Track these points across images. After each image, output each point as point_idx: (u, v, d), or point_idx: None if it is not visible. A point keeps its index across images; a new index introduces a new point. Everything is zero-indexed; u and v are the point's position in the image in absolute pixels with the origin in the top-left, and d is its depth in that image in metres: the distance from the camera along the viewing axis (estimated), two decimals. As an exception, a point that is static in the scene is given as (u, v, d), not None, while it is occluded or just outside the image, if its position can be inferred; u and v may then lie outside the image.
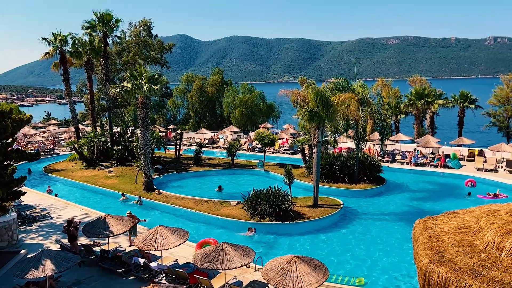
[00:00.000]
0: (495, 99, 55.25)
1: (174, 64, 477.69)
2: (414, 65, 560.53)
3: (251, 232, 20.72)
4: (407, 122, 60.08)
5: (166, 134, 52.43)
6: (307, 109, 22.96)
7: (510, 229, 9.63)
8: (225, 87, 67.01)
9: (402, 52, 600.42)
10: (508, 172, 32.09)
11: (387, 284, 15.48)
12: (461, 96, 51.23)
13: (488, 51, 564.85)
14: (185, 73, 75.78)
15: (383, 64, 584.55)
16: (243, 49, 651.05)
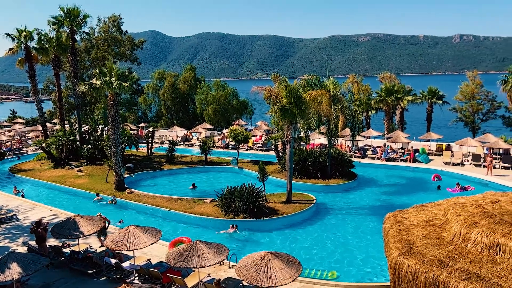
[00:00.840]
0: (461, 95, 57.08)
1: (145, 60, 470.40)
2: (384, 62, 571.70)
3: (233, 229, 20.70)
4: (378, 118, 61.39)
5: (137, 132, 51.65)
6: (279, 106, 23.04)
7: (475, 221, 9.98)
8: (198, 84, 66.53)
9: (373, 49, 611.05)
10: (474, 166, 33.19)
11: (359, 276, 15.76)
12: (429, 92, 52.68)
13: (455, 49, 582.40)
14: (156, 70, 74.77)
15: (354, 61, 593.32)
16: (215, 45, 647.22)
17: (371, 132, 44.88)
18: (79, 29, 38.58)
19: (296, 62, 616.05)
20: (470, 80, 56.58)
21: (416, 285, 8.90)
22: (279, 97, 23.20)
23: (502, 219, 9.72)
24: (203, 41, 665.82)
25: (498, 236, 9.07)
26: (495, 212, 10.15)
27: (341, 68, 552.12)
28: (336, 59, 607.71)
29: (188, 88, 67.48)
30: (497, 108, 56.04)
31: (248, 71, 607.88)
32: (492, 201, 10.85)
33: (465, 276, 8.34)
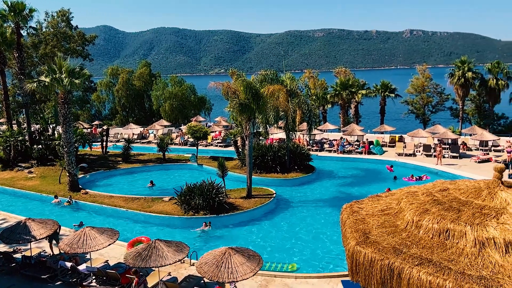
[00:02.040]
0: (412, 88, 59.46)
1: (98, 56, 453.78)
2: (339, 57, 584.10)
3: (207, 226, 20.56)
4: (334, 112, 62.79)
5: (91, 131, 49.95)
6: (237, 101, 23.02)
7: (426, 209, 10.40)
8: (154, 80, 65.17)
9: (328, 44, 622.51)
10: (425, 156, 34.69)
11: (318, 267, 16.10)
12: (382, 86, 54.44)
13: (405, 43, 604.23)
14: (109, 66, 72.55)
15: (310, 56, 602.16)
16: (171, 41, 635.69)
17: (327, 125, 45.84)
18: (25, 23, 36.68)
19: (254, 57, 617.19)
20: (420, 73, 59.04)
21: (373, 273, 9.16)
22: (237, 93, 23.17)
23: (451, 205, 10.19)
24: (158, 36, 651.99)
25: (447, 222, 9.50)
26: (444, 200, 10.62)
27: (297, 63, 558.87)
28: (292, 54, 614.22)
29: (144, 84, 65.99)
30: (445, 100, 58.88)
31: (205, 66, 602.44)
32: (441, 189, 11.33)
33: (418, 261, 8.67)
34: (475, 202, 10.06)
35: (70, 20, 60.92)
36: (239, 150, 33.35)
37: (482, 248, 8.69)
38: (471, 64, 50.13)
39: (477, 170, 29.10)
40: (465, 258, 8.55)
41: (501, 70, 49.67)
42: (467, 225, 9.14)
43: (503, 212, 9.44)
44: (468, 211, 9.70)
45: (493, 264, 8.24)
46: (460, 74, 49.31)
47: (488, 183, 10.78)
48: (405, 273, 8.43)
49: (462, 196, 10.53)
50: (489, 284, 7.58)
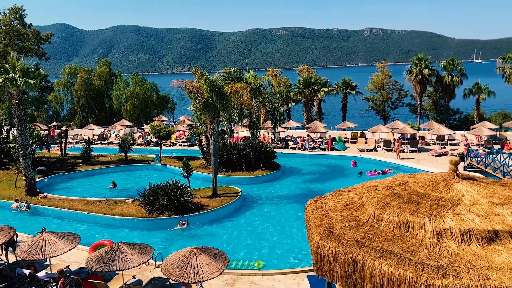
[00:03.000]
0: (372, 85, 61.00)
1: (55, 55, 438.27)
2: (302, 55, 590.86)
3: (184, 225, 20.40)
4: (297, 109, 63.47)
5: (49, 132, 48.13)
6: (201, 100, 22.82)
7: (387, 202, 10.68)
8: (114, 79, 63.52)
9: (291, 42, 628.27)
10: (385, 151, 35.71)
11: (284, 263, 16.24)
12: (343, 83, 55.54)
13: (365, 42, 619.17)
14: (67, 65, 70.08)
15: (273, 54, 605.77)
16: (132, 39, 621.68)
17: (291, 123, 46.33)
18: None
19: (217, 55, 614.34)
20: (379, 71, 60.65)
21: (337, 266, 9.31)
22: (200, 91, 22.97)
23: (410, 198, 10.51)
24: (118, 34, 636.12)
25: (407, 215, 9.80)
26: (404, 193, 10.94)
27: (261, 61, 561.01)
28: (256, 53, 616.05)
29: (104, 84, 64.18)
30: (404, 97, 60.81)
31: (168, 65, 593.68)
32: (401, 183, 11.66)
33: (379, 254, 8.88)
34: (432, 195, 10.43)
35: (24, 17, 58.25)
36: (204, 149, 33.11)
37: (440, 238, 9.02)
38: (427, 61, 52.03)
39: (434, 163, 30.24)
40: (424, 248, 8.85)
41: (455, 67, 51.86)
42: (425, 217, 9.46)
43: (459, 203, 9.83)
44: (426, 203, 10.05)
45: (450, 254, 8.56)
46: (418, 71, 51.09)
47: (445, 175, 11.21)
48: (368, 266, 8.62)
49: (421, 189, 10.88)
50: (447, 273, 7.87)
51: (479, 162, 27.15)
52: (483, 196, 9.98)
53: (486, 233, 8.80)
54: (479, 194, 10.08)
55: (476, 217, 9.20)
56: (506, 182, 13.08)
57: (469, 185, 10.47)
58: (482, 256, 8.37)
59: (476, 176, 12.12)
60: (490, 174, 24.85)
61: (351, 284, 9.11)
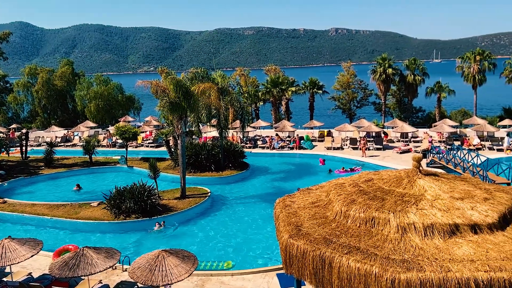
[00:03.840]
0: (338, 85, 62.07)
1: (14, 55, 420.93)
2: (269, 55, 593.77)
3: (161, 226, 20.15)
4: (266, 109, 63.71)
5: (8, 135, 46.19)
6: (167, 100, 22.51)
7: (353, 199, 10.88)
8: (77, 80, 61.70)
9: (258, 42, 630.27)
10: (352, 149, 36.40)
11: (253, 262, 16.26)
12: (310, 83, 56.23)
13: (331, 41, 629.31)
14: (27, 65, 67.53)
15: (241, 54, 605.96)
16: (95, 38, 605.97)
17: (260, 122, 46.47)
18: None
19: (184, 55, 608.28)
20: (345, 70, 61.79)
21: (305, 264, 9.40)
22: (166, 91, 22.65)
23: (375, 195, 10.75)
24: (81, 33, 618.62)
25: (373, 211, 10.01)
26: (369, 190, 11.18)
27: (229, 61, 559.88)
28: (223, 52, 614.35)
29: (66, 84, 62.25)
30: (369, 96, 62.22)
31: (133, 64, 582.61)
32: (366, 180, 11.91)
33: (347, 250, 9.03)
34: (396, 191, 10.71)
35: (-21, 15, 55.73)
36: (171, 150, 32.69)
37: (404, 233, 9.27)
38: (391, 61, 53.45)
39: (398, 160, 31.10)
40: (389, 243, 9.07)
41: (418, 66, 53.53)
42: (390, 213, 9.70)
43: (421, 198, 10.14)
44: (391, 199, 10.31)
45: (414, 248, 8.82)
46: (382, 70, 52.39)
47: (408, 172, 11.54)
48: (336, 262, 8.75)
49: (385, 185, 11.15)
50: (411, 266, 8.10)
51: (441, 159, 28.13)
52: (444, 191, 10.34)
53: (448, 226, 9.12)
54: (440, 189, 10.44)
55: (438, 211, 9.51)
56: (466, 177, 13.61)
57: (431, 181, 10.82)
58: (444, 249, 8.67)
59: (437, 172, 12.54)
60: (451, 169, 25.78)
61: (319, 281, 9.23)
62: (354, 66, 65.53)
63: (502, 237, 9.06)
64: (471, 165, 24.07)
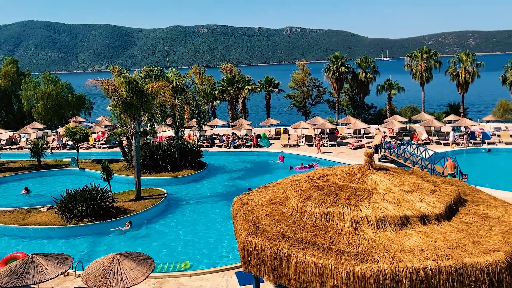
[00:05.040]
0: (293, 83, 62.94)
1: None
2: (225, 53, 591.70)
3: (128, 226, 19.67)
4: (222, 107, 63.52)
5: None
6: (120, 99, 21.87)
7: (309, 195, 11.07)
8: (23, 79, 58.65)
9: (213, 40, 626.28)
10: (307, 146, 37.05)
11: (212, 262, 16.17)
12: (266, 81, 56.65)
13: (286, 40, 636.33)
14: (-35, 64, 63.42)
15: (196, 52, 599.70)
16: (42, 35, 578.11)
17: (217, 121, 46.27)
18: None
19: (137, 53, 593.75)
20: (300, 69, 62.74)
21: (264, 261, 9.46)
22: (118, 90, 22.00)
23: (330, 190, 11.00)
24: (26, 30, 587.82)
25: (328, 206, 10.23)
26: (324, 185, 11.42)
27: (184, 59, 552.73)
28: (178, 50, 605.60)
29: (11, 84, 59.04)
30: (323, 93, 63.55)
31: (83, 63, 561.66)
32: (321, 176, 12.17)
33: (303, 245, 9.18)
34: (350, 185, 11.01)
35: None
36: (125, 151, 31.84)
37: (358, 226, 9.55)
38: (343, 59, 54.90)
39: (352, 156, 32.00)
40: (344, 237, 9.31)
41: (369, 64, 55.34)
42: (344, 207, 9.95)
43: (374, 192, 10.48)
44: (345, 194, 10.58)
45: (367, 240, 9.10)
46: (335, 69, 53.70)
47: (360, 167, 11.89)
48: (293, 257, 8.88)
49: (339, 180, 11.44)
50: (365, 259, 8.35)
51: (392, 153, 29.23)
52: (395, 185, 10.75)
53: (398, 219, 9.49)
54: (391, 183, 10.84)
55: (389, 204, 9.88)
56: (415, 171, 14.23)
57: (382, 175, 11.21)
58: (396, 241, 9.01)
59: (388, 167, 13.02)
60: (401, 164, 26.86)
61: (277, 277, 9.32)
62: (308, 64, 66.70)
63: (449, 226, 9.55)
64: (420, 159, 25.20)
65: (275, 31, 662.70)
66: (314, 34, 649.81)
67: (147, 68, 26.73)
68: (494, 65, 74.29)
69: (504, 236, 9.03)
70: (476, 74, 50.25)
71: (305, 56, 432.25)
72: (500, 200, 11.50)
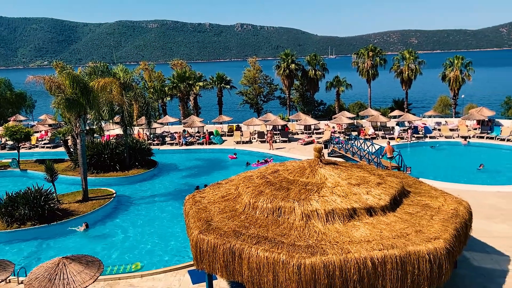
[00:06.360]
0: (245, 80, 63.06)
1: None
2: (175, 49, 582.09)
3: (83, 227, 19.03)
4: (174, 104, 62.52)
5: None
6: (63, 96, 20.89)
7: (261, 190, 11.17)
8: (-45, 75, 54.63)
9: (163, 36, 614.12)
10: (260, 142, 37.31)
11: (164, 261, 15.91)
12: (217, 78, 56.33)
13: (237, 37, 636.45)
14: None
15: (145, 48, 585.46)
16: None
17: (167, 118, 45.43)
18: None
19: (83, 48, 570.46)
20: (251, 66, 62.96)
21: (216, 258, 9.45)
22: (62, 87, 20.99)
23: (281, 185, 11.16)
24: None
25: (279, 201, 10.37)
26: (275, 181, 11.57)
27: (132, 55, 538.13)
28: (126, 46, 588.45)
29: None
30: (275, 90, 64.21)
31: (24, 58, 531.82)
32: (273, 171, 12.32)
33: (255, 240, 9.25)
34: (300, 180, 11.23)
35: None
36: (70, 150, 30.53)
37: (308, 220, 9.76)
38: (293, 56, 55.67)
39: (303, 151, 32.62)
40: (295, 231, 9.48)
41: (318, 62, 56.50)
42: (295, 201, 10.14)
43: (323, 186, 10.75)
44: (296, 189, 10.78)
45: (317, 233, 9.33)
46: (285, 66, 54.35)
47: (310, 162, 12.15)
48: (245, 253, 8.93)
49: (290, 175, 11.63)
50: (315, 251, 8.56)
51: (340, 148, 30.11)
52: (343, 179, 11.09)
53: (346, 211, 9.80)
54: (339, 176, 11.17)
55: (338, 197, 10.18)
56: (362, 164, 14.75)
57: (331, 169, 11.53)
58: (344, 232, 9.30)
59: (337, 161, 13.40)
60: (349, 158, 27.74)
61: (230, 273, 9.35)
62: (260, 61, 67.05)
63: (393, 217, 9.99)
64: (367, 153, 26.15)
65: (226, 28, 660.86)
66: (265, 31, 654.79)
67: (93, 64, 25.69)
68: (435, 63, 78.44)
69: (443, 224, 9.59)
70: (418, 71, 52.76)
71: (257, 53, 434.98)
72: (440, 190, 12.19)
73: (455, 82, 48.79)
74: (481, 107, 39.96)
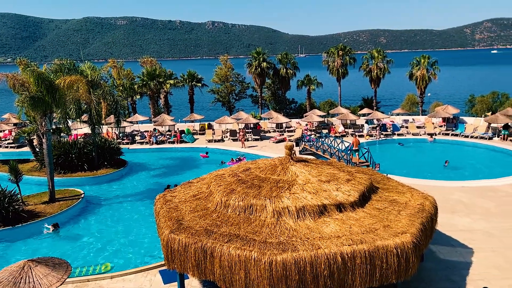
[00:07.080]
0: (217, 78, 62.74)
1: None
2: (145, 46, 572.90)
3: (52, 229, 18.57)
4: (144, 102, 61.54)
5: None
6: (28, 94, 20.21)
7: (232, 188, 11.16)
8: None
9: (132, 33, 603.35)
10: (232, 141, 37.25)
11: (134, 261, 15.68)
12: (188, 76, 55.81)
13: (209, 35, 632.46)
14: None
15: (114, 45, 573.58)
16: None
17: (137, 117, 44.73)
18: None
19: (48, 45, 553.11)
20: (223, 64, 62.68)
21: (188, 257, 9.39)
22: (26, 85, 20.30)
23: (253, 183, 11.19)
24: None
25: (251, 199, 10.39)
26: (247, 179, 11.58)
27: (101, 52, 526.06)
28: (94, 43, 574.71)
29: None
30: (246, 89, 64.18)
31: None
32: (244, 169, 12.34)
33: (227, 239, 9.25)
34: (272, 178, 11.29)
35: None
36: (36, 150, 29.57)
37: (279, 217, 9.84)
38: (265, 55, 55.80)
39: (275, 149, 32.79)
40: (267, 228, 9.53)
41: (289, 60, 56.86)
42: (266, 199, 10.19)
43: (294, 183, 10.85)
44: (267, 186, 10.83)
45: (288, 230, 9.41)
46: (257, 64, 54.44)
47: (281, 159, 12.23)
48: (217, 252, 8.91)
49: (262, 173, 11.67)
50: (286, 248, 8.63)
51: (311, 146, 30.45)
52: (313, 176, 11.22)
53: (317, 207, 9.93)
54: (310, 174, 11.30)
55: (308, 194, 10.29)
56: (331, 161, 14.97)
57: (302, 167, 11.65)
58: (314, 229, 9.43)
59: (308, 158, 13.54)
60: (320, 155, 28.09)
61: (202, 272, 9.31)
62: (231, 59, 66.83)
63: (362, 213, 10.20)
64: (337, 151, 26.56)
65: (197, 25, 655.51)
66: (237, 29, 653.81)
67: (59, 61, 24.95)
68: (402, 62, 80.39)
69: (410, 219, 9.86)
70: (387, 70, 53.96)
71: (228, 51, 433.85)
72: (407, 186, 12.53)
73: (422, 80, 50.16)
74: (447, 105, 41.29)
